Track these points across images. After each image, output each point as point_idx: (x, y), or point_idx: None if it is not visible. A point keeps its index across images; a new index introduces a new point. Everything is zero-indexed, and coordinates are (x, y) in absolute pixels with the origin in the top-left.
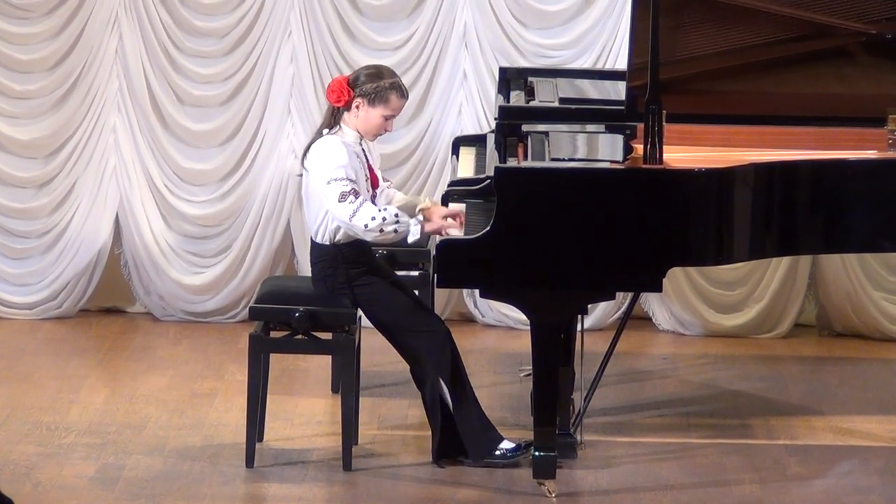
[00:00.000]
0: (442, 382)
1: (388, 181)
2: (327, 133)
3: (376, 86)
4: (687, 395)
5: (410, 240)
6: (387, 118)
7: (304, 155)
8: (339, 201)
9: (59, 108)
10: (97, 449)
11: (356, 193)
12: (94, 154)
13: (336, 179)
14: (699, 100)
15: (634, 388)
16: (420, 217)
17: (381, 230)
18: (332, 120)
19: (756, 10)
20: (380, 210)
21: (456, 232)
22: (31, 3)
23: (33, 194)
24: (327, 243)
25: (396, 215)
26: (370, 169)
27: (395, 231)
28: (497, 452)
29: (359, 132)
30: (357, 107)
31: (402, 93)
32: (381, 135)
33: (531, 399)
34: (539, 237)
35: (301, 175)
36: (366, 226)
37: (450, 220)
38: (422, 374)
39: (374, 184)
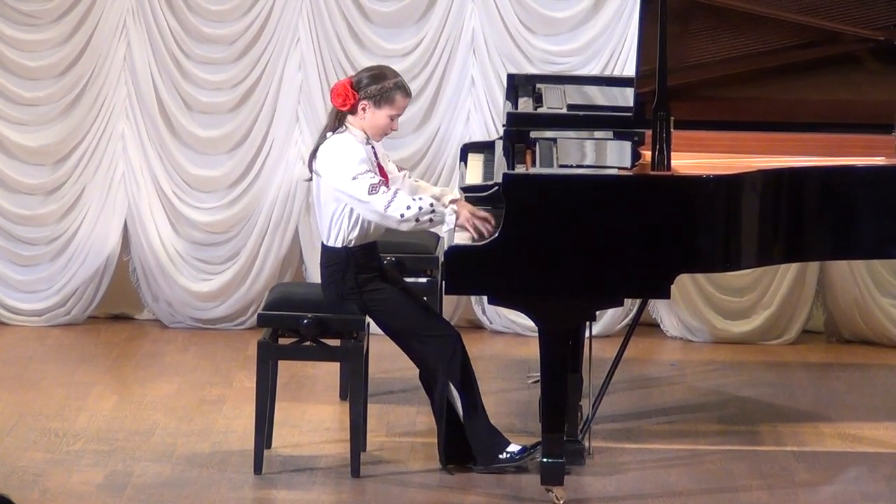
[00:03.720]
0: (452, 387)
1: (404, 170)
2: (332, 135)
3: (381, 87)
4: (695, 402)
5: (444, 229)
6: (393, 118)
7: (312, 158)
8: (371, 194)
9: (68, 115)
10: (105, 456)
11: (385, 184)
12: (103, 161)
13: (361, 174)
14: (707, 106)
15: (642, 394)
16: (454, 206)
17: (417, 219)
18: (337, 123)
19: (764, 16)
20: (413, 199)
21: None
22: (40, 9)
23: (41, 201)
24: (339, 246)
25: (431, 205)
26: (380, 168)
27: (431, 220)
28: (503, 455)
29: (365, 133)
30: (363, 109)
31: (407, 91)
32: (387, 134)
33: (539, 406)
34: (547, 244)
35: (310, 180)
36: (402, 215)
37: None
38: (431, 378)
39: (385, 180)
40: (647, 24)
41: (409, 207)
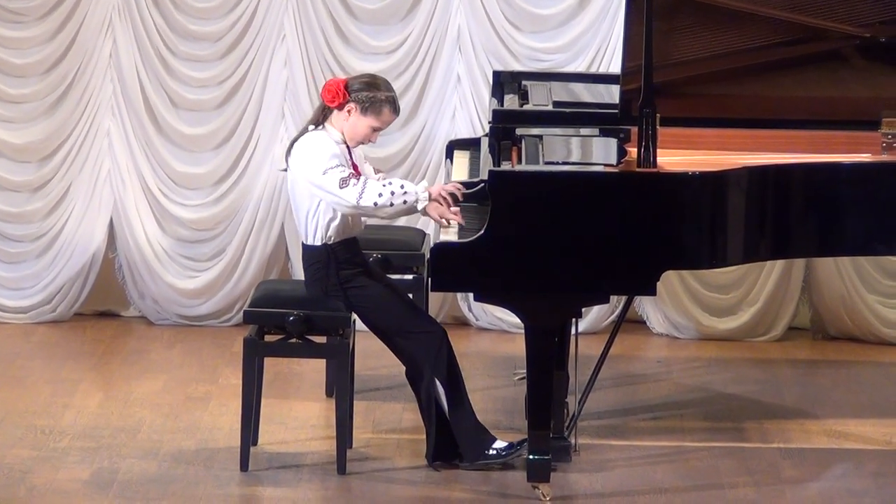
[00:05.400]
0: (438, 384)
1: (380, 172)
2: (312, 129)
3: (372, 95)
4: (681, 399)
5: (420, 207)
6: (374, 129)
7: (290, 149)
8: (342, 187)
9: (54, 112)
10: (91, 453)
11: (355, 176)
12: (89, 158)
13: (331, 168)
14: (693, 103)
15: (629, 391)
16: (425, 183)
17: (392, 203)
18: (321, 118)
19: (750, 13)
20: (384, 185)
21: (454, 226)
22: (26, 6)
23: (28, 198)
24: (318, 244)
25: (402, 185)
26: (354, 167)
27: (405, 202)
28: (490, 452)
29: (343, 135)
30: (349, 111)
31: (395, 108)
32: (363, 144)
33: (525, 402)
34: (533, 241)
35: (285, 170)
36: (375, 203)
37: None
38: (417, 375)
39: (356, 173)
40: (633, 20)
41: (380, 194)
